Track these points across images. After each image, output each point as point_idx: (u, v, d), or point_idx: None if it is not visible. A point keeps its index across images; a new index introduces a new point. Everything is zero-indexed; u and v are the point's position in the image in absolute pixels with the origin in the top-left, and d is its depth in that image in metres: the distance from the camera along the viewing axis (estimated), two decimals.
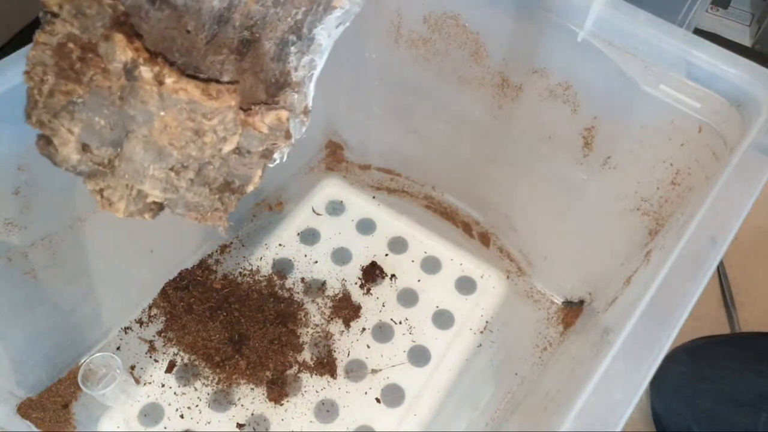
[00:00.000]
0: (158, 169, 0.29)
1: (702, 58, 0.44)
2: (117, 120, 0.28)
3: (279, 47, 0.30)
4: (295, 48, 0.31)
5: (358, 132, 0.74)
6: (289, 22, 0.30)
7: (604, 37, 0.47)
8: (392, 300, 0.65)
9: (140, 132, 0.28)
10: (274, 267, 0.67)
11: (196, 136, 0.29)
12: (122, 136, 0.29)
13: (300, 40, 0.31)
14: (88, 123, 0.28)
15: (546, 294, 0.66)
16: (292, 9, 0.30)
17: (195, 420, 0.57)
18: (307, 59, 0.31)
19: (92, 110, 0.28)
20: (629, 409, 0.32)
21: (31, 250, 0.49)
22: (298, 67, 0.31)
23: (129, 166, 0.29)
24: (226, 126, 0.28)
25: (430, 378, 0.60)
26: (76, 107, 0.28)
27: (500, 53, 0.54)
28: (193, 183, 0.30)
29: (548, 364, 0.61)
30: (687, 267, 0.36)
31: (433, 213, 0.73)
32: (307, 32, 0.31)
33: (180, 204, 0.31)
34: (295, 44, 0.30)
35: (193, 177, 0.30)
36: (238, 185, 0.32)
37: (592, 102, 0.51)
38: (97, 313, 0.60)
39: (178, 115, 0.28)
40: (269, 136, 0.30)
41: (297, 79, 0.31)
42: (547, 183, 0.60)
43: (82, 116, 0.28)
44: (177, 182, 0.30)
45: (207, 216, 0.32)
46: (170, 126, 0.28)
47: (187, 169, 0.30)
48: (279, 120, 0.30)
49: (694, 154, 0.47)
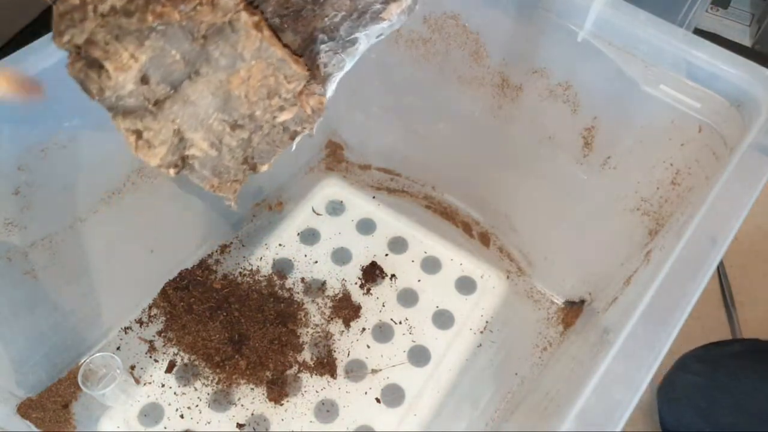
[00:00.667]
0: (218, 120, 0.28)
1: (702, 58, 0.44)
2: (193, 57, 0.27)
3: (306, 43, 0.30)
4: (327, 47, 0.30)
5: (358, 132, 0.74)
6: (324, 22, 0.30)
7: (604, 37, 0.47)
8: (392, 300, 0.65)
9: (215, 76, 0.27)
10: (274, 267, 0.67)
11: (267, 97, 0.28)
12: (186, 76, 0.27)
13: (333, 41, 0.30)
14: (161, 53, 0.26)
15: (546, 294, 0.66)
16: (331, 11, 0.30)
17: (195, 420, 0.57)
18: (338, 58, 0.31)
19: (171, 41, 0.26)
20: (629, 409, 0.32)
21: (31, 250, 0.49)
22: (329, 64, 0.31)
23: (186, 110, 0.28)
24: (294, 94, 0.28)
25: (430, 378, 0.60)
26: (152, 33, 0.26)
27: (500, 53, 0.54)
28: (243, 142, 0.29)
29: (548, 364, 0.61)
30: (687, 267, 0.36)
31: (433, 213, 0.73)
32: (345, 35, 0.31)
33: (209, 165, 0.30)
34: (326, 43, 0.30)
35: (248, 136, 0.29)
36: (254, 162, 0.31)
37: (592, 102, 0.51)
38: (97, 313, 0.60)
39: (266, 68, 0.27)
40: (308, 119, 0.30)
41: (324, 74, 0.31)
42: (547, 183, 0.60)
43: (157, 44, 0.26)
44: (227, 139, 0.29)
45: (225, 185, 0.31)
46: (254, 77, 0.27)
47: (243, 129, 0.29)
48: (320, 104, 0.30)
49: (694, 154, 0.47)
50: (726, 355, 0.64)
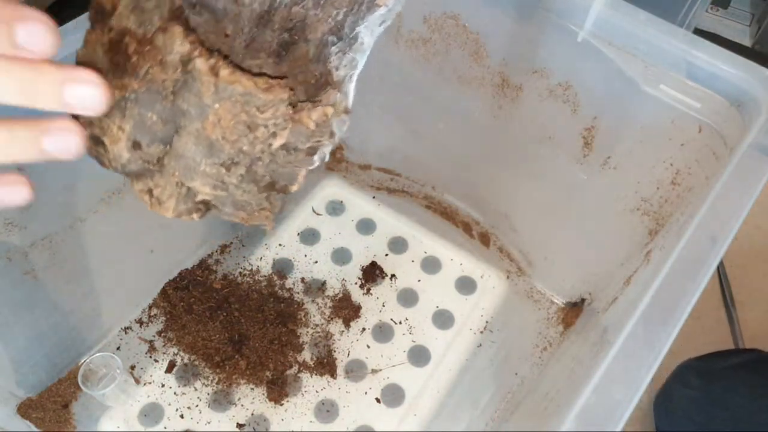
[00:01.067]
0: (209, 165, 0.29)
1: (702, 58, 0.44)
2: (169, 115, 0.28)
3: (319, 49, 0.30)
4: (336, 48, 0.30)
5: (358, 132, 0.74)
6: (329, 23, 0.30)
7: (604, 37, 0.47)
8: (392, 300, 0.65)
9: (192, 127, 0.28)
10: (274, 267, 0.67)
11: (248, 130, 0.28)
12: (173, 132, 0.29)
13: (341, 40, 0.30)
14: (140, 119, 0.28)
15: (546, 294, 0.66)
16: (333, 10, 0.30)
17: (195, 420, 0.57)
18: (348, 58, 0.31)
19: (144, 106, 0.28)
20: (629, 409, 0.32)
21: (31, 250, 0.49)
22: (340, 66, 0.31)
23: (180, 163, 0.29)
24: (277, 120, 0.28)
25: (430, 378, 0.60)
26: (128, 103, 0.28)
27: (500, 53, 0.54)
28: (243, 179, 0.30)
29: (548, 364, 0.61)
30: (687, 267, 0.36)
31: (433, 213, 0.73)
32: (349, 32, 0.30)
33: (228, 203, 0.31)
34: (335, 44, 0.30)
35: (244, 173, 0.30)
36: (282, 185, 0.32)
37: (592, 102, 0.51)
38: (97, 313, 0.60)
39: (232, 107, 0.28)
40: (315, 133, 0.30)
41: (339, 78, 0.31)
42: (547, 183, 0.60)
43: (134, 112, 0.28)
44: (227, 178, 0.30)
45: (254, 216, 0.32)
46: (224, 119, 0.28)
47: (238, 165, 0.29)
48: (325, 116, 0.30)
49: (694, 154, 0.47)
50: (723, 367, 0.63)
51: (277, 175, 0.31)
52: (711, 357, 0.66)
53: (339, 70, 0.31)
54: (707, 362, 0.65)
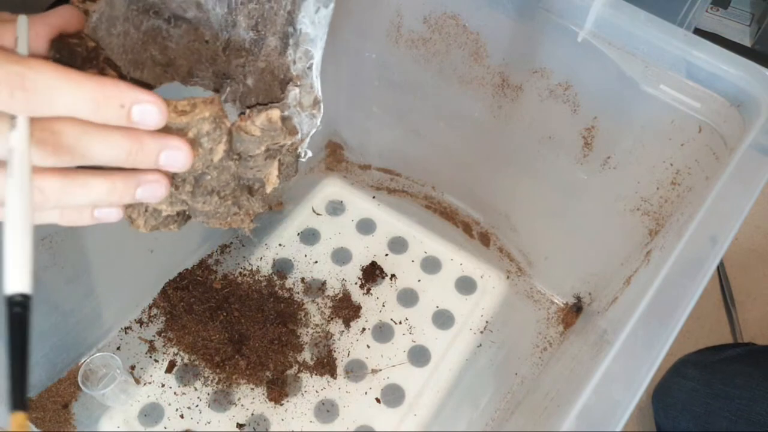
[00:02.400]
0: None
1: (702, 58, 0.44)
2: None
3: (283, 41, 0.31)
4: (292, 40, 0.31)
5: (358, 132, 0.74)
6: (282, 15, 0.30)
7: (604, 37, 0.47)
8: (392, 300, 0.65)
9: None
10: (274, 267, 0.67)
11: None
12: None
13: (295, 32, 0.31)
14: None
15: (546, 294, 0.66)
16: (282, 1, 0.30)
17: (195, 420, 0.57)
18: (302, 50, 0.31)
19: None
20: (629, 409, 0.32)
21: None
22: (296, 59, 0.31)
23: None
24: (210, 137, 0.29)
25: (430, 378, 0.60)
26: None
27: (500, 53, 0.54)
28: (194, 194, 0.31)
29: (548, 364, 0.61)
30: (687, 267, 0.36)
31: (433, 213, 0.73)
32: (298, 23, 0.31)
33: (196, 213, 0.32)
34: (292, 36, 0.31)
35: (192, 189, 0.30)
36: (257, 187, 0.33)
37: (592, 102, 0.51)
38: (97, 313, 0.60)
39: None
40: (264, 137, 0.30)
41: (297, 72, 0.31)
42: (547, 183, 0.60)
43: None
44: (179, 195, 0.30)
45: (228, 221, 0.33)
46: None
47: (185, 183, 0.30)
48: (269, 120, 0.30)
49: (694, 154, 0.47)
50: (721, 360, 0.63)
51: (246, 180, 0.32)
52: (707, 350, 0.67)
53: (296, 64, 0.31)
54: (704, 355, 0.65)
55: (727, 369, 0.61)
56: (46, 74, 0.24)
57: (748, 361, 0.62)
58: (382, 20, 0.59)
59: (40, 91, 0.23)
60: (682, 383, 0.62)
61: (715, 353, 0.65)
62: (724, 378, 0.60)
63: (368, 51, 0.63)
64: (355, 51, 0.64)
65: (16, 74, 0.23)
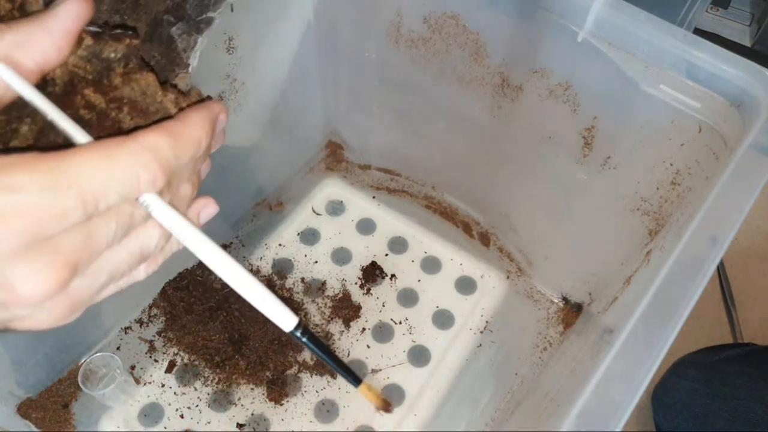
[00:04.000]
0: None
1: (702, 58, 0.44)
2: None
3: (151, 28, 0.30)
4: (178, 29, 0.30)
5: (358, 132, 0.74)
6: (166, 3, 0.29)
7: (604, 37, 0.47)
8: (392, 300, 0.65)
9: None
10: (274, 267, 0.67)
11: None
12: None
13: (182, 21, 0.30)
14: None
15: (546, 294, 0.66)
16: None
17: (195, 420, 0.57)
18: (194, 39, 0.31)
19: None
20: (629, 409, 0.32)
21: None
22: (187, 48, 0.31)
23: None
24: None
25: (430, 378, 0.60)
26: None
27: (500, 53, 0.54)
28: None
29: (548, 364, 0.61)
30: (687, 267, 0.36)
31: (433, 213, 0.73)
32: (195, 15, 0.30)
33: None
34: (175, 25, 0.30)
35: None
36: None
37: (592, 102, 0.51)
38: (97, 313, 0.60)
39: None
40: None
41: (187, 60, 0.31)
42: (547, 183, 0.60)
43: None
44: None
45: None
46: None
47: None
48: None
49: (694, 154, 0.47)
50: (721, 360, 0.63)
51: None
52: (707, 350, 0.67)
53: (186, 52, 0.31)
54: (703, 355, 0.65)
55: (726, 369, 0.61)
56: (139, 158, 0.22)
57: (747, 361, 0.62)
58: (382, 20, 0.59)
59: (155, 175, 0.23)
60: (681, 383, 0.62)
61: (715, 353, 0.65)
62: (724, 378, 0.60)
63: (368, 51, 0.63)
64: (355, 51, 0.64)
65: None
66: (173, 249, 0.29)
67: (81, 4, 0.23)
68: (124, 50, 0.25)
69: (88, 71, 0.25)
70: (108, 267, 0.24)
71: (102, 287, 0.25)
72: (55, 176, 0.20)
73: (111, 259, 0.24)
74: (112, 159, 0.21)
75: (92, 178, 0.21)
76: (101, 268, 0.24)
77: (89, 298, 0.25)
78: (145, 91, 0.26)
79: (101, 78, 0.25)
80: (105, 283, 0.25)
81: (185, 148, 0.24)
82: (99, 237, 0.22)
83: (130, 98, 0.26)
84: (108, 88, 0.25)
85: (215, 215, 0.30)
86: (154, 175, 0.22)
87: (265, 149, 0.68)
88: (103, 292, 0.26)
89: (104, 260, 0.24)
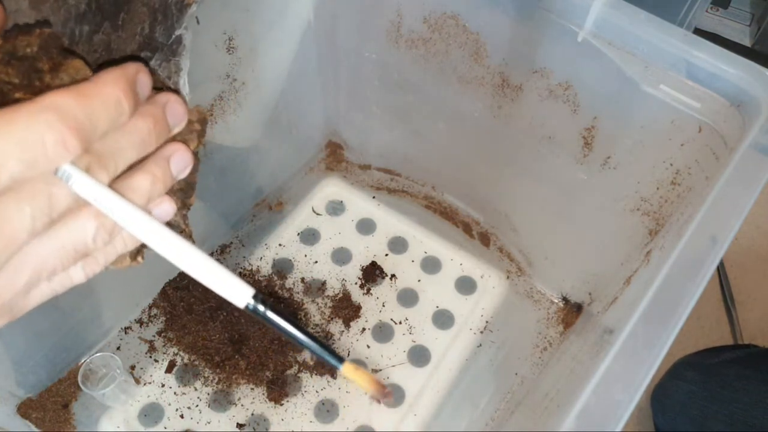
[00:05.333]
0: None
1: (702, 58, 0.44)
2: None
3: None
4: (156, 61, 0.29)
5: (358, 132, 0.74)
6: (137, 40, 0.28)
7: (604, 37, 0.47)
8: (392, 300, 0.65)
9: None
10: (274, 267, 0.67)
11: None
12: None
13: (158, 51, 0.29)
14: None
15: (546, 294, 0.66)
16: (136, 26, 0.28)
17: (195, 420, 0.57)
18: (175, 63, 0.30)
19: None
20: (629, 409, 0.32)
21: None
22: (171, 74, 0.30)
23: None
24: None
25: (430, 378, 0.60)
26: None
27: (500, 53, 0.54)
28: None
29: (548, 364, 0.61)
30: (687, 267, 0.36)
31: (433, 213, 0.73)
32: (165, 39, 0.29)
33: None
34: (152, 59, 0.29)
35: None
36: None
37: (592, 102, 0.51)
38: (97, 313, 0.60)
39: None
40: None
41: (175, 86, 0.30)
42: (547, 183, 0.60)
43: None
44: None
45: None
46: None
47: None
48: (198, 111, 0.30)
49: (694, 154, 0.47)
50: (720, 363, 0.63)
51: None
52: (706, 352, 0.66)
53: (171, 78, 0.30)
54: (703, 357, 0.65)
55: (725, 372, 0.61)
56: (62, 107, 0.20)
57: (746, 364, 0.62)
58: (382, 20, 0.59)
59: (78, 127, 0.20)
60: (680, 385, 0.62)
61: (714, 355, 0.65)
62: (722, 381, 0.60)
63: (368, 51, 0.63)
64: (355, 51, 0.64)
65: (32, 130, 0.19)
66: (119, 248, 0.26)
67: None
68: (38, 42, 0.23)
69: (11, 75, 0.23)
70: (32, 261, 0.21)
71: (28, 286, 0.22)
72: None
73: (35, 253, 0.21)
74: (9, 122, 0.19)
75: None
76: (23, 262, 0.21)
77: (11, 298, 0.22)
78: (75, 77, 0.24)
79: (31, 80, 0.23)
80: (31, 281, 0.22)
81: (98, 108, 0.21)
82: (10, 221, 0.19)
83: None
84: (41, 89, 0.23)
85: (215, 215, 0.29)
86: (61, 136, 0.19)
87: (265, 149, 0.68)
88: (33, 292, 0.23)
89: (25, 253, 0.21)
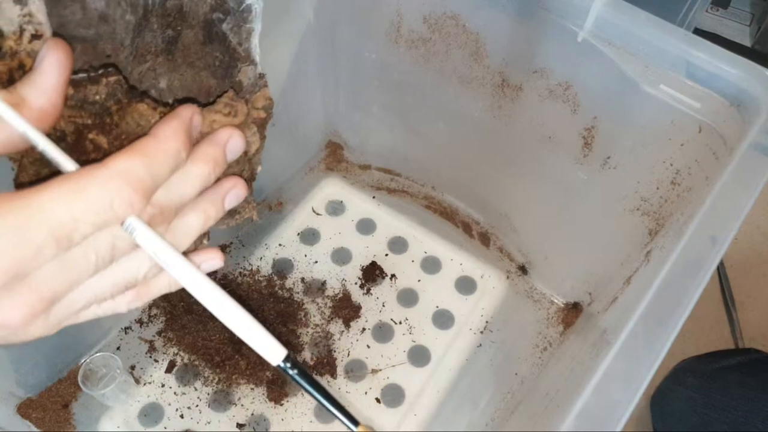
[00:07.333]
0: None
1: (702, 58, 0.44)
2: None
3: (206, 30, 0.30)
4: (228, 24, 0.30)
5: (358, 132, 0.74)
6: (209, 2, 0.30)
7: (604, 37, 0.47)
8: (392, 300, 0.65)
9: None
10: (274, 267, 0.67)
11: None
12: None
13: (230, 15, 0.30)
14: None
15: (546, 294, 0.66)
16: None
17: (195, 420, 0.57)
18: (246, 29, 0.31)
19: None
20: (629, 409, 0.32)
21: None
22: (242, 40, 0.31)
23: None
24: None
25: (430, 378, 0.60)
26: None
27: (500, 53, 0.54)
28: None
29: (548, 364, 0.61)
30: (687, 267, 0.36)
31: (433, 213, 0.73)
32: (236, 5, 0.30)
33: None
34: (224, 21, 0.30)
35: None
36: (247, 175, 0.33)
37: (592, 102, 0.51)
38: None
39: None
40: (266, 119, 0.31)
41: (246, 52, 0.31)
42: (547, 183, 0.60)
43: None
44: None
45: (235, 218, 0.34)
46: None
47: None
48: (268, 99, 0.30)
49: (694, 154, 0.47)
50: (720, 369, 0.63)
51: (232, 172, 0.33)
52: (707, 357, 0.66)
53: (242, 45, 0.31)
54: (703, 362, 0.65)
55: (725, 378, 0.61)
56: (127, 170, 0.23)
57: (746, 370, 0.62)
58: (382, 20, 0.59)
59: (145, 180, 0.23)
60: (680, 391, 0.62)
61: (714, 361, 0.65)
62: (722, 388, 0.60)
63: (368, 51, 0.63)
64: (355, 51, 0.64)
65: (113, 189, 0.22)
66: (161, 287, 0.29)
67: (61, 54, 0.23)
68: (106, 90, 0.26)
69: (85, 117, 0.25)
70: (89, 291, 0.24)
71: (82, 309, 0.25)
72: (25, 215, 0.20)
73: (94, 284, 0.24)
74: (81, 191, 0.21)
75: (62, 212, 0.21)
76: (82, 292, 0.24)
77: (65, 319, 0.25)
78: (139, 122, 0.27)
79: (103, 119, 0.26)
80: (85, 306, 0.25)
81: (161, 164, 0.24)
82: (77, 268, 0.23)
83: (127, 132, 0.26)
84: (110, 127, 0.26)
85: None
86: (129, 199, 0.22)
87: (265, 149, 0.68)
88: (83, 313, 0.26)
89: (85, 287, 0.24)
